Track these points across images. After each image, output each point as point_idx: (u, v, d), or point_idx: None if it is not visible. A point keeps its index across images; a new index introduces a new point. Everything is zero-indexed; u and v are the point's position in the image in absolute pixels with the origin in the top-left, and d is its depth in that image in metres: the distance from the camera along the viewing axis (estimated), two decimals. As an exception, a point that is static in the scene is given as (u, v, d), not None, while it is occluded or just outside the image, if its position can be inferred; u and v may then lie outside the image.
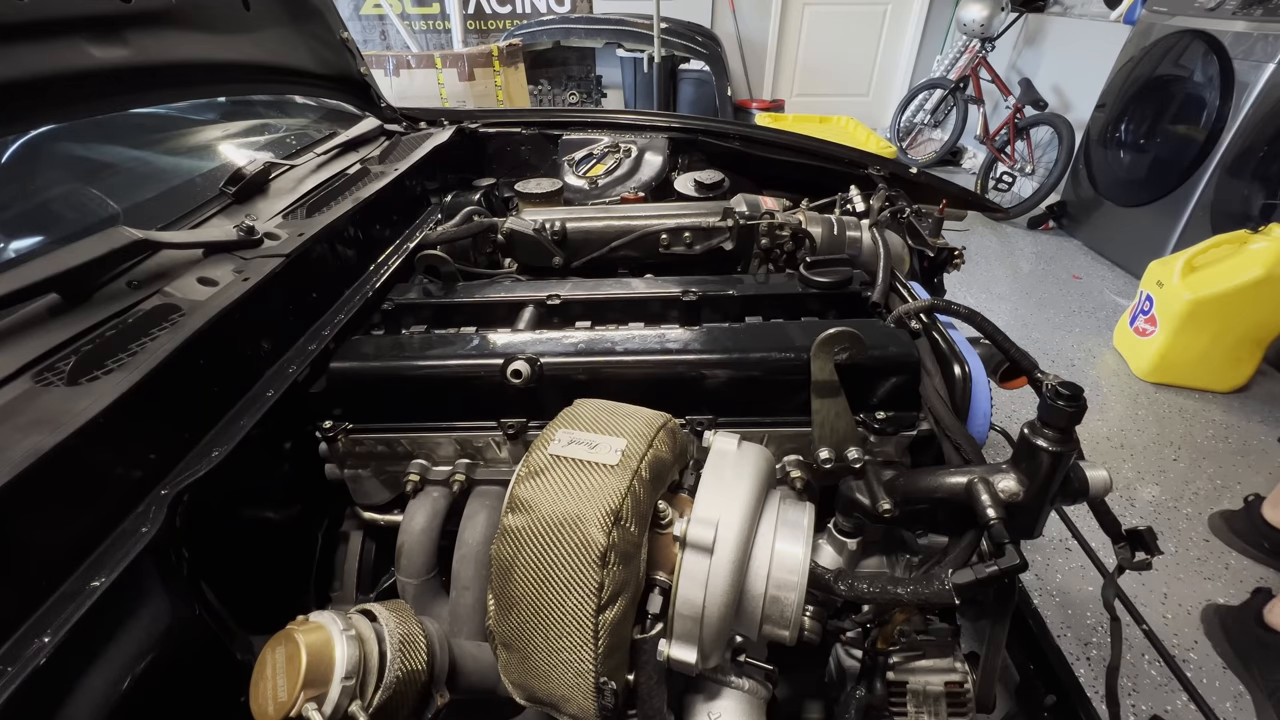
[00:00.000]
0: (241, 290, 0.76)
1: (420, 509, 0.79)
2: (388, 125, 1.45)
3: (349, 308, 0.91)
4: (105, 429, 0.55)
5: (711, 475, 0.58)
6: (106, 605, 0.50)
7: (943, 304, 0.79)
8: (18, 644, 0.46)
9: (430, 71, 3.77)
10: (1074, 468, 0.61)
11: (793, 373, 0.74)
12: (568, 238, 1.15)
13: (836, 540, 0.73)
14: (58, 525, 0.52)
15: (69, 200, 1.06)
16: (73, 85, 0.89)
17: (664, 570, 0.57)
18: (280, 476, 0.79)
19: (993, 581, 0.54)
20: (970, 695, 0.63)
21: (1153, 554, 0.69)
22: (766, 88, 5.31)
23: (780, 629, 0.57)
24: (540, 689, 0.57)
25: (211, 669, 0.60)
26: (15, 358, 0.61)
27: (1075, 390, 0.56)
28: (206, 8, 1.10)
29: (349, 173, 1.18)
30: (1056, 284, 3.20)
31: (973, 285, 3.19)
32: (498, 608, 0.57)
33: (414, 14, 5.25)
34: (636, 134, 1.57)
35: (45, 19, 0.84)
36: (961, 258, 1.14)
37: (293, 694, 0.49)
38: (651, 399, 0.66)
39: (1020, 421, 0.60)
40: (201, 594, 0.60)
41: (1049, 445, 0.57)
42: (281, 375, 0.76)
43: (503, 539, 0.55)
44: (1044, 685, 0.67)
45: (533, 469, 0.56)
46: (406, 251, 1.09)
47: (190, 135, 1.38)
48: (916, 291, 0.93)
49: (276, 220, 0.97)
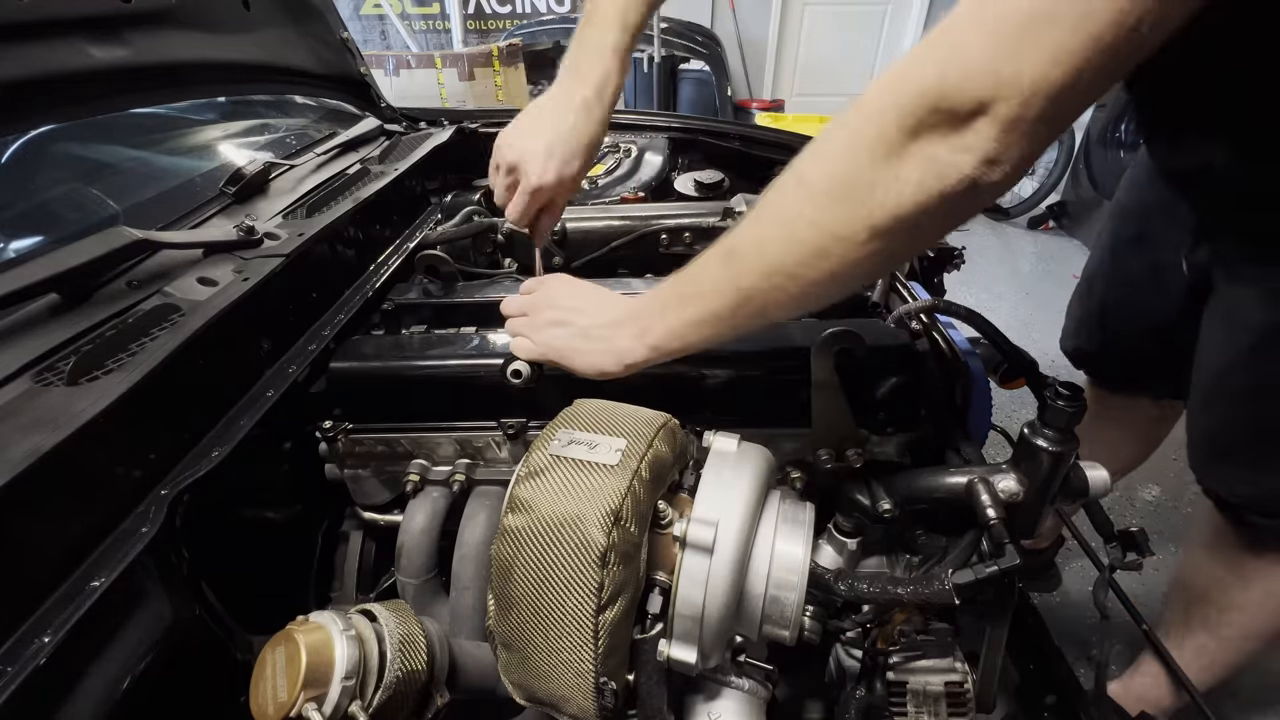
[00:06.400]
0: (241, 290, 0.76)
1: (420, 509, 0.79)
2: (388, 125, 1.45)
3: (349, 308, 0.91)
4: (105, 429, 0.55)
5: (711, 475, 0.58)
6: (106, 605, 0.50)
7: (943, 304, 0.79)
8: (18, 644, 0.46)
9: (430, 71, 3.77)
10: (1074, 468, 0.61)
11: (793, 373, 0.74)
12: (568, 238, 1.15)
13: (836, 540, 0.73)
14: (58, 525, 0.52)
15: (69, 200, 1.06)
16: (73, 85, 0.89)
17: (664, 570, 0.57)
18: (280, 476, 0.79)
19: (993, 581, 0.54)
20: (970, 695, 0.63)
21: (1144, 555, 0.69)
22: (766, 88, 5.31)
23: (780, 629, 0.57)
24: (540, 689, 0.57)
25: (211, 669, 0.60)
26: (15, 358, 0.61)
27: (1075, 390, 0.56)
28: (206, 8, 1.10)
29: (349, 173, 1.18)
30: (1056, 284, 3.20)
31: (973, 285, 3.19)
32: (498, 608, 0.57)
33: (414, 14, 5.25)
34: (636, 134, 1.57)
35: (45, 19, 0.84)
36: (961, 258, 1.14)
37: (293, 694, 0.49)
38: (651, 399, 0.66)
39: (1020, 421, 0.60)
40: (201, 594, 0.60)
41: (1049, 445, 0.57)
42: (281, 375, 0.76)
43: (502, 539, 0.55)
44: (1044, 685, 0.67)
45: (532, 469, 0.56)
46: (406, 251, 1.08)
47: (190, 135, 1.38)
48: (916, 291, 0.93)
49: (276, 220, 0.97)
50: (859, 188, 0.47)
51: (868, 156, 0.46)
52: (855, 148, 0.47)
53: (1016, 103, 0.40)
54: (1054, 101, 0.40)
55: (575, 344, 0.68)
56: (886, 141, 0.45)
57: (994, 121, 0.41)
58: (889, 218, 0.46)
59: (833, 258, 0.50)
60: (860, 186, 0.46)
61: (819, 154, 0.50)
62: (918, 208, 0.45)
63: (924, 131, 0.43)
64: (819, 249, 0.50)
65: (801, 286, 0.53)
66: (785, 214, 0.53)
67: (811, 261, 0.51)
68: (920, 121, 0.43)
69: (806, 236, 0.50)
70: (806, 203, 0.50)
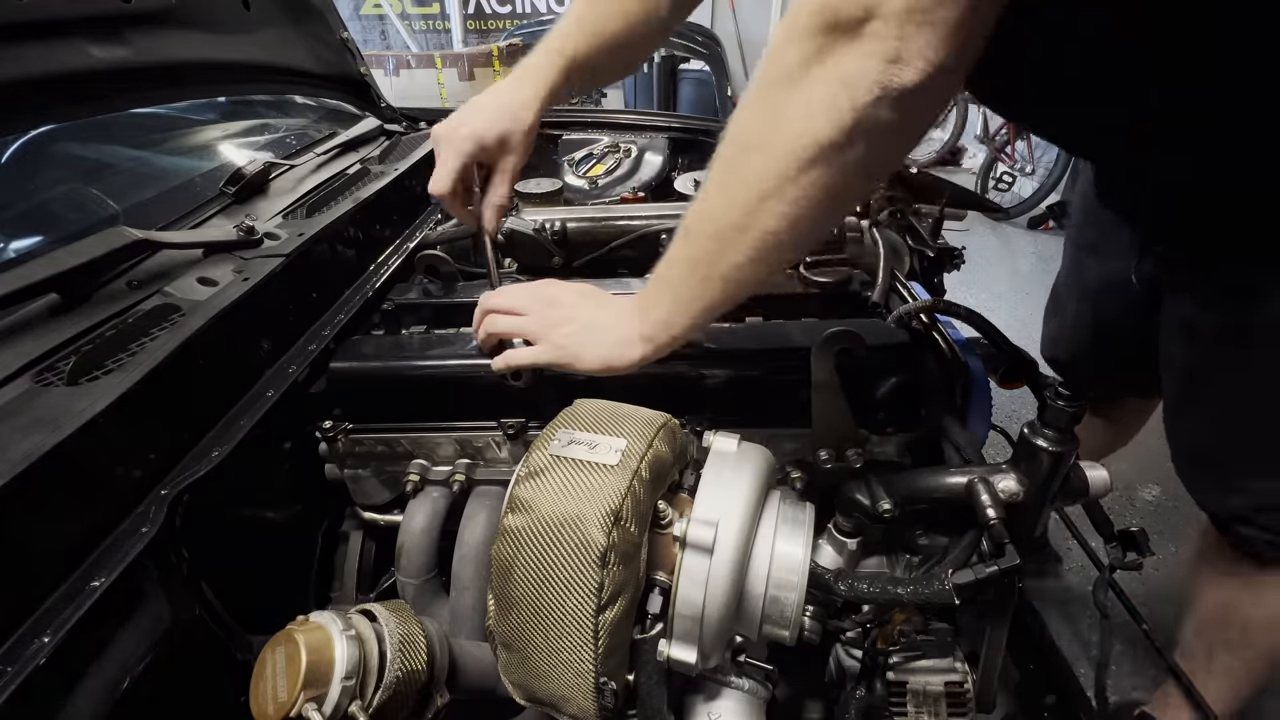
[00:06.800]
0: (241, 290, 0.76)
1: (420, 509, 0.79)
2: (388, 125, 1.45)
3: (349, 308, 0.91)
4: (105, 429, 0.55)
5: (711, 475, 0.58)
6: (106, 605, 0.50)
7: (943, 304, 0.79)
8: (18, 644, 0.46)
9: (430, 71, 3.77)
10: (1074, 468, 0.61)
11: (793, 373, 0.74)
12: (568, 238, 1.15)
13: (836, 540, 0.73)
14: (57, 525, 0.52)
15: (69, 200, 1.06)
16: (73, 85, 0.89)
17: (664, 570, 0.57)
18: (280, 476, 0.79)
19: (993, 581, 0.54)
20: (970, 695, 0.63)
21: (1144, 555, 0.69)
22: (766, 88, 5.31)
23: (780, 629, 0.57)
24: (540, 689, 0.57)
25: (211, 669, 0.60)
26: (15, 358, 0.61)
27: (1075, 390, 0.56)
28: (206, 8, 1.10)
29: (349, 173, 1.18)
30: (1056, 284, 3.19)
31: (973, 285, 3.19)
32: (498, 608, 0.57)
33: (414, 14, 5.25)
34: (636, 134, 1.57)
35: (45, 19, 0.84)
36: (961, 258, 1.14)
37: (293, 694, 0.49)
38: (651, 399, 0.66)
39: (1020, 421, 0.60)
40: (201, 594, 0.60)
41: (1049, 445, 0.57)
42: (281, 375, 0.76)
43: (502, 539, 0.55)
44: (1044, 685, 0.67)
45: (532, 469, 0.56)
46: (406, 251, 1.08)
47: (190, 135, 1.38)
48: (916, 291, 0.93)
49: (276, 220, 0.97)
50: (777, 124, 0.48)
51: (777, 92, 0.47)
52: (766, 88, 0.48)
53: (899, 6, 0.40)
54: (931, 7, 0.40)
55: (582, 339, 0.68)
56: (791, 72, 0.46)
57: (885, 18, 0.41)
58: (813, 145, 0.46)
59: (772, 199, 0.50)
60: (779, 123, 0.47)
61: (741, 108, 0.52)
62: (837, 128, 0.45)
63: (824, 52, 0.44)
64: (759, 194, 0.50)
65: (757, 238, 0.53)
66: (721, 175, 0.54)
67: (756, 208, 0.51)
68: (818, 45, 0.44)
69: (741, 188, 0.51)
70: (736, 156, 0.52)
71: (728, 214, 0.54)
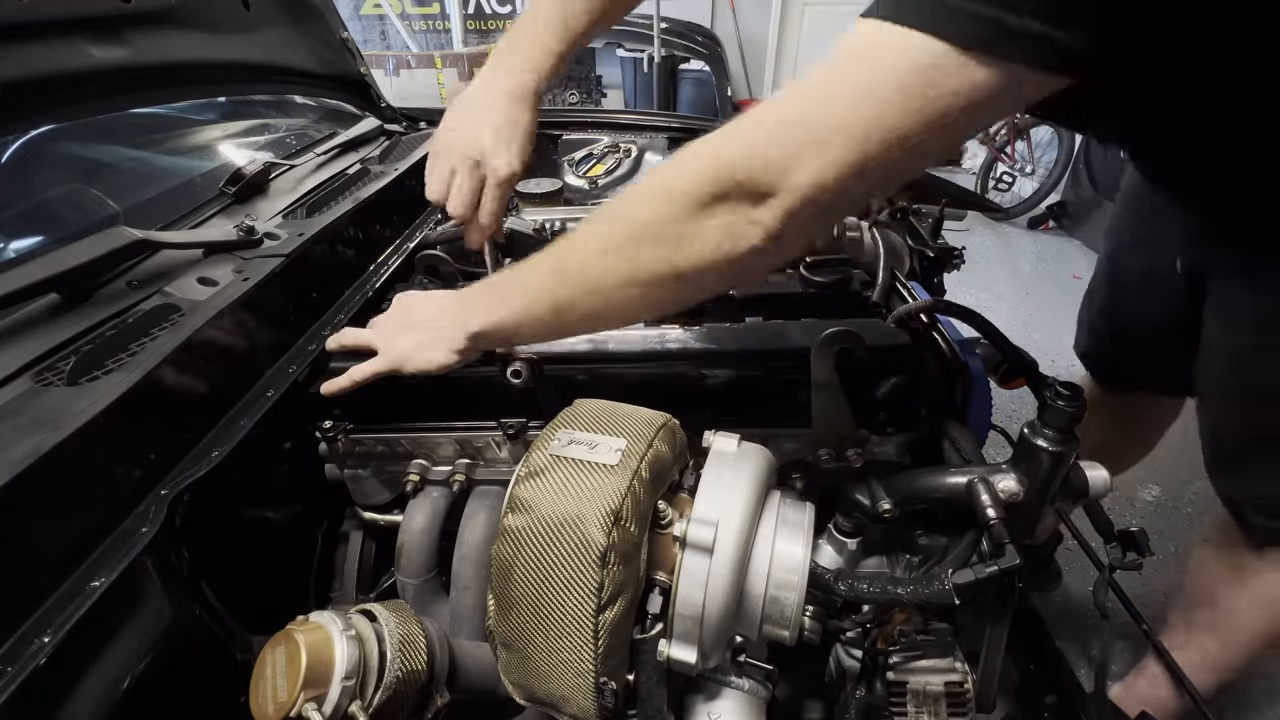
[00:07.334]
0: (241, 290, 0.76)
1: (420, 509, 0.79)
2: (388, 125, 1.45)
3: (349, 308, 0.91)
4: (105, 429, 0.55)
5: (711, 475, 0.58)
6: (106, 605, 0.50)
7: (943, 304, 0.78)
8: (18, 644, 0.46)
9: (430, 71, 3.77)
10: (1074, 468, 0.61)
11: (793, 373, 0.74)
12: (568, 238, 1.15)
13: (836, 540, 0.73)
14: (58, 525, 0.52)
15: (69, 200, 1.06)
16: (73, 85, 0.89)
17: (664, 570, 0.57)
18: (280, 476, 0.79)
19: (993, 581, 0.54)
20: (970, 695, 0.63)
21: (1144, 555, 0.69)
22: (766, 88, 5.31)
23: (780, 629, 0.57)
24: (540, 689, 0.57)
25: (211, 669, 0.60)
26: (15, 358, 0.61)
27: (1075, 390, 0.56)
28: (206, 8, 1.10)
29: (349, 173, 1.18)
30: (1056, 284, 3.20)
31: (973, 285, 3.19)
32: (498, 608, 0.57)
33: (414, 14, 5.25)
34: (636, 134, 1.57)
35: (45, 19, 0.84)
36: (961, 258, 1.14)
37: (293, 694, 0.49)
38: (651, 399, 0.66)
39: (1020, 421, 0.60)
40: (201, 594, 0.60)
41: (1049, 445, 0.57)
42: (281, 375, 0.76)
43: (503, 539, 0.55)
44: (1044, 685, 0.67)
45: (532, 469, 0.56)
46: (406, 251, 1.08)
47: (190, 135, 1.38)
48: (916, 291, 0.93)
49: (276, 220, 0.97)
50: (671, 236, 0.54)
51: (681, 208, 0.53)
52: (671, 198, 0.54)
53: (797, 198, 0.48)
54: (826, 204, 0.49)
55: (414, 340, 0.70)
56: (698, 200, 0.52)
57: (779, 207, 0.49)
58: (691, 266, 0.54)
59: (641, 288, 0.57)
60: (673, 235, 0.54)
61: (643, 197, 0.57)
62: (712, 263, 0.53)
63: (728, 199, 0.51)
64: (632, 279, 0.57)
65: (615, 307, 0.60)
66: (609, 244, 0.59)
67: (625, 290, 0.58)
68: (726, 190, 0.51)
69: (623, 269, 0.57)
70: (628, 239, 0.57)
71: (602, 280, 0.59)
